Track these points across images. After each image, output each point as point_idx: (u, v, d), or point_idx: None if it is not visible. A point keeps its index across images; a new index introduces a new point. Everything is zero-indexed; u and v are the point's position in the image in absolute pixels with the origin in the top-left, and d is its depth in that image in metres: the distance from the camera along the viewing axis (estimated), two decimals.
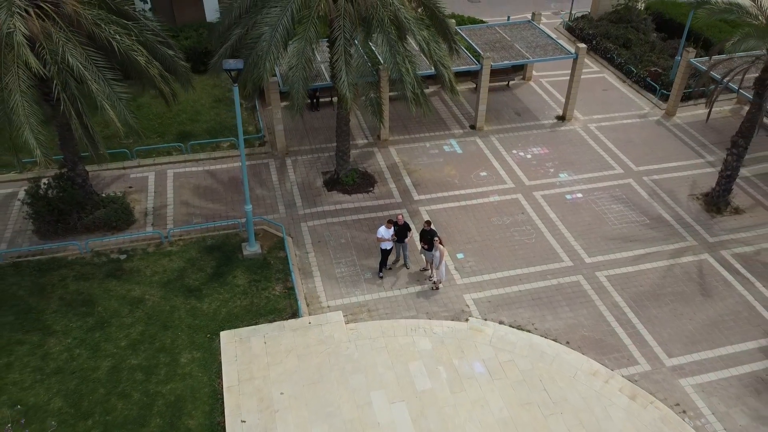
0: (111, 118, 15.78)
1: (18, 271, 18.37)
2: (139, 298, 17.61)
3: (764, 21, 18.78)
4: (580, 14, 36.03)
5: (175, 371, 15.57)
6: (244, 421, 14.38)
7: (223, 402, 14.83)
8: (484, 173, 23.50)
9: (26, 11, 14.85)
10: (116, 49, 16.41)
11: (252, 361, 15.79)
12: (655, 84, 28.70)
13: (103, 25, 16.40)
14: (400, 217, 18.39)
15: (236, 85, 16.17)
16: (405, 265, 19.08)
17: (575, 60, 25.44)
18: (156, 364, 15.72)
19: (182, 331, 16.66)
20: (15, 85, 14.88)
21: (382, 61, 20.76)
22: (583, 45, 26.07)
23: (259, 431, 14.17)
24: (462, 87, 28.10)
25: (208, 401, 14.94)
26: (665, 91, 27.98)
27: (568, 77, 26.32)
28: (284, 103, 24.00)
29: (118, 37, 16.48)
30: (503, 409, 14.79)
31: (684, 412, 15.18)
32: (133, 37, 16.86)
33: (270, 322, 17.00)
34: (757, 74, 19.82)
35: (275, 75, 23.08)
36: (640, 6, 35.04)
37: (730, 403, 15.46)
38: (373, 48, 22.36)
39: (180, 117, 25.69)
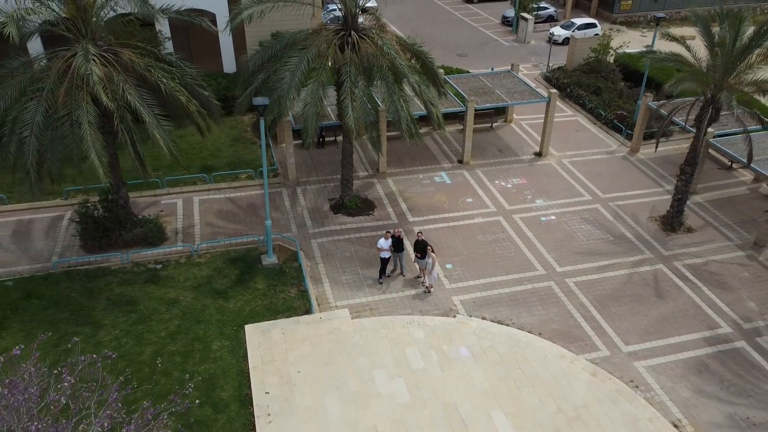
0: (160, 145, 19.19)
1: (70, 277, 21.39)
2: (175, 299, 20.61)
3: (697, 67, 22.61)
4: (556, 66, 40.29)
5: (208, 355, 18.45)
6: (268, 393, 17.21)
7: (249, 379, 17.66)
8: (470, 199, 26.90)
9: (95, 59, 18.42)
10: (163, 90, 19.99)
11: (273, 348, 18.70)
12: (621, 125, 32.52)
13: (152, 71, 20.03)
14: (396, 230, 21.63)
15: (262, 117, 19.70)
16: (401, 272, 22.19)
17: (548, 103, 29.25)
18: (192, 350, 18.61)
19: (212, 325, 19.60)
20: (84, 118, 18.33)
21: (380, 103, 24.40)
22: (554, 90, 29.99)
23: (280, 400, 16.99)
24: (451, 128, 31.95)
25: (237, 378, 17.78)
26: (630, 131, 31.75)
27: (549, 121, 30.05)
28: (296, 141, 27.67)
29: (164, 80, 20.09)
30: (484, 383, 17.67)
31: (637, 386, 18.07)
32: (176, 80, 20.48)
33: (287, 317, 19.97)
34: (697, 112, 23.50)
35: (289, 116, 26.65)
36: (610, 59, 39.35)
37: (675, 380, 18.38)
38: (373, 94, 26.00)
39: (203, 153, 29.20)
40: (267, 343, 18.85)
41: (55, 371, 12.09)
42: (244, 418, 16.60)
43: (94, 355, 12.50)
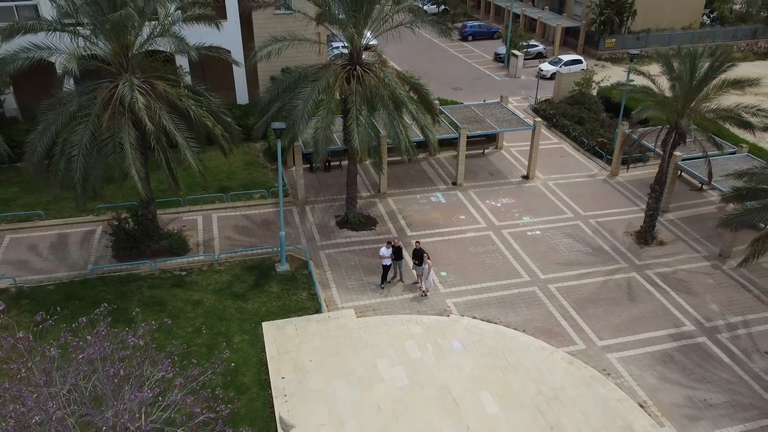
0: (190, 163, 22.00)
1: (104, 282, 23.95)
2: (199, 301, 23.13)
3: (661, 97, 25.61)
4: (543, 99, 43.52)
5: (230, 347, 20.88)
6: (284, 378, 19.63)
7: (267, 367, 20.09)
8: (462, 216, 29.63)
9: (138, 89, 21.34)
10: (192, 115, 22.90)
11: (287, 341, 21.17)
12: (602, 151, 35.48)
13: (183, 99, 22.98)
14: (396, 240, 24.30)
15: (279, 139, 22.57)
16: (401, 279, 24.77)
17: (533, 130, 32.23)
18: (216, 343, 21.04)
19: (233, 322, 22.09)
20: (126, 139, 21.18)
21: (381, 131, 27.30)
22: (539, 119, 33.06)
23: (294, 384, 19.41)
24: (446, 154, 34.93)
25: (256, 366, 20.21)
26: (610, 157, 34.67)
27: (535, 146, 32.99)
28: (304, 166, 30.53)
29: (193, 107, 23.02)
30: (474, 370, 20.11)
31: (608, 374, 20.51)
32: (204, 108, 23.41)
33: (299, 316, 22.49)
34: (663, 137, 26.43)
35: (299, 141, 29.50)
36: (593, 92, 42.58)
37: (643, 369, 20.82)
38: (375, 122, 28.87)
39: (219, 175, 32.01)
40: (282, 338, 21.32)
41: (122, 333, 14.62)
42: (264, 399, 18.99)
43: (153, 322, 15.02)
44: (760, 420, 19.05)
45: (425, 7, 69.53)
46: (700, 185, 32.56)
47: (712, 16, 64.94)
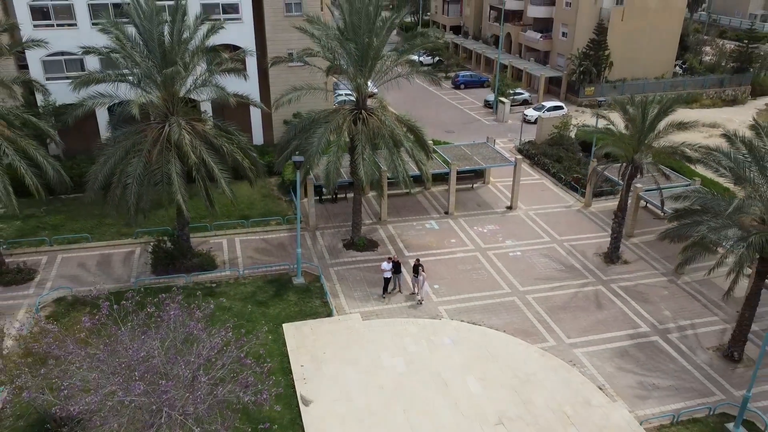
0: (224, 190, 26.45)
1: (147, 291, 28.00)
2: (228, 306, 27.19)
3: (618, 136, 30.32)
4: (527, 140, 48.44)
5: (257, 343, 24.83)
6: (302, 366, 23.59)
7: (288, 357, 24.05)
8: (453, 240, 33.96)
9: (185, 129, 25.98)
10: (225, 151, 27.48)
11: (304, 338, 25.18)
12: (577, 186, 40.09)
13: (217, 137, 27.60)
14: (394, 256, 28.57)
15: (298, 170, 27.11)
16: (399, 290, 28.92)
17: (515, 166, 36.89)
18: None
19: (258, 323, 26.07)
20: (173, 170, 25.69)
21: (382, 166, 31.79)
22: (520, 157, 37.78)
23: (311, 369, 23.36)
24: (439, 188, 39.48)
25: (279, 356, 24.16)
26: (584, 190, 39.25)
27: (517, 180, 37.58)
28: (315, 197, 35.00)
29: (226, 144, 27.63)
30: (460, 360, 24.10)
31: (574, 364, 24.49)
32: (234, 144, 28.03)
33: (313, 319, 26.55)
34: (623, 170, 31.02)
35: (311, 175, 33.94)
36: (571, 134, 47.51)
37: (603, 360, 24.81)
38: (376, 160, 33.34)
39: (240, 206, 36.28)
40: (300, 335, 25.35)
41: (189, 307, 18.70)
42: (287, 381, 22.88)
43: (211, 303, 19.19)
44: (698, 399, 23.00)
45: (421, 59, 75.47)
46: (662, 214, 36.98)
47: (683, 67, 70.78)
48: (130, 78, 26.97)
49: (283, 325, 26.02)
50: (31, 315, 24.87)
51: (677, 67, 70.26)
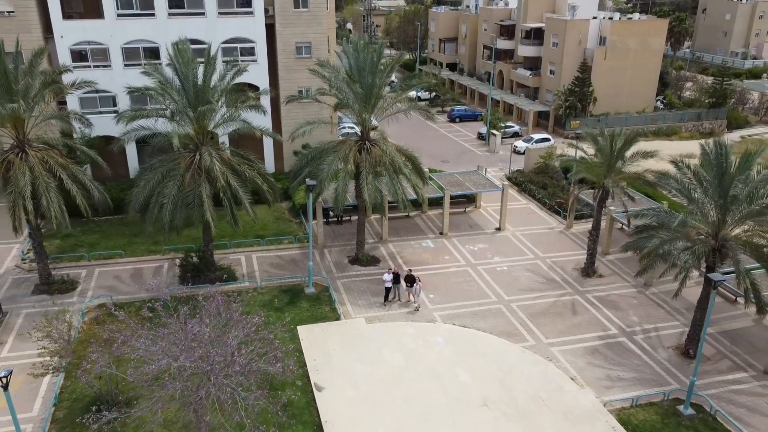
0: (247, 210, 30.55)
1: (175, 300, 31.79)
2: (248, 312, 30.89)
3: (590, 163, 34.56)
4: (516, 169, 52.78)
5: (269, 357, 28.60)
6: (315, 360, 27.34)
7: (303, 352, 27.80)
8: (447, 257, 37.95)
9: (215, 158, 30.15)
10: (247, 176, 31.66)
11: (316, 337, 28.97)
12: (560, 209, 44.25)
13: (240, 164, 31.82)
14: (395, 269, 32.53)
15: (311, 192, 31.29)
16: (399, 298, 32.78)
17: (502, 192, 41.10)
18: (263, 348, 28.76)
19: (276, 326, 29.84)
20: (204, 193, 29.83)
21: (384, 191, 35.85)
22: (507, 183, 41.99)
23: (323, 362, 27.11)
24: (435, 212, 43.60)
25: (295, 352, 27.87)
26: (566, 213, 43.38)
27: (504, 204, 41.73)
28: (324, 219, 39.09)
29: (248, 170, 31.84)
30: (452, 355, 27.88)
31: (550, 360, 28.25)
32: (255, 170, 32.23)
33: (324, 322, 30.36)
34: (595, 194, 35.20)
35: (319, 199, 38.05)
36: (556, 163, 51.84)
37: (576, 357, 28.57)
38: (378, 186, 37.35)
39: (255, 227, 40.35)
40: (312, 335, 29.14)
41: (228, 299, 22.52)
42: (302, 372, 26.60)
43: (238, 295, 23.01)
44: (656, 388, 26.71)
45: (419, 94, 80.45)
46: (627, 229, 40.95)
47: (663, 102, 75.70)
48: (167, 113, 31.32)
49: (297, 327, 29.82)
50: (80, 315, 28.69)
51: (658, 102, 75.12)
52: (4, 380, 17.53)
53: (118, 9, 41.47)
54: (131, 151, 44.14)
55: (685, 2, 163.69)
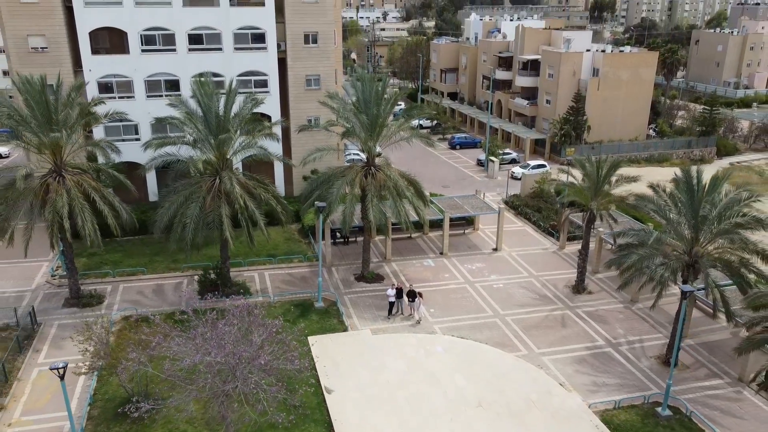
0: (262, 230, 33.35)
1: (196, 314, 34.47)
2: (262, 324, 33.54)
3: (579, 188, 37.37)
4: (513, 194, 55.64)
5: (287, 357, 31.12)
6: (325, 366, 29.84)
7: (314, 361, 30.31)
8: (446, 275, 40.58)
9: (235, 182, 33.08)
10: (262, 198, 34.53)
11: (326, 346, 31.49)
12: (553, 231, 46.96)
13: (256, 188, 34.72)
14: (398, 284, 35.18)
15: (321, 214, 34.11)
16: (401, 312, 35.35)
17: (499, 214, 43.89)
18: (281, 349, 31.32)
19: (290, 335, 32.43)
20: (223, 213, 32.67)
21: (387, 213, 38.65)
22: (503, 206, 44.78)
23: (332, 368, 29.60)
24: (435, 233, 46.34)
25: (307, 359, 30.40)
26: (559, 235, 46.05)
27: (501, 226, 44.48)
28: (331, 240, 41.85)
29: (263, 193, 34.73)
30: (450, 363, 30.35)
31: (541, 367, 30.70)
32: (270, 193, 35.12)
33: (332, 333, 32.91)
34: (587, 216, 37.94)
35: (328, 220, 40.83)
36: (551, 188, 54.70)
37: (565, 365, 31.01)
38: (382, 208, 40.09)
39: (267, 247, 43.10)
40: (322, 344, 31.68)
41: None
42: (313, 377, 29.03)
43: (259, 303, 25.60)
44: (638, 392, 29.09)
45: (421, 122, 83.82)
46: (612, 246, 43.54)
47: (655, 130, 78.88)
48: (189, 140, 34.36)
49: (308, 337, 32.36)
50: (109, 323, 31.31)
51: (650, 130, 78.30)
52: (60, 371, 20.14)
53: (142, 45, 44.87)
54: (151, 176, 47.11)
55: (680, 34, 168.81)
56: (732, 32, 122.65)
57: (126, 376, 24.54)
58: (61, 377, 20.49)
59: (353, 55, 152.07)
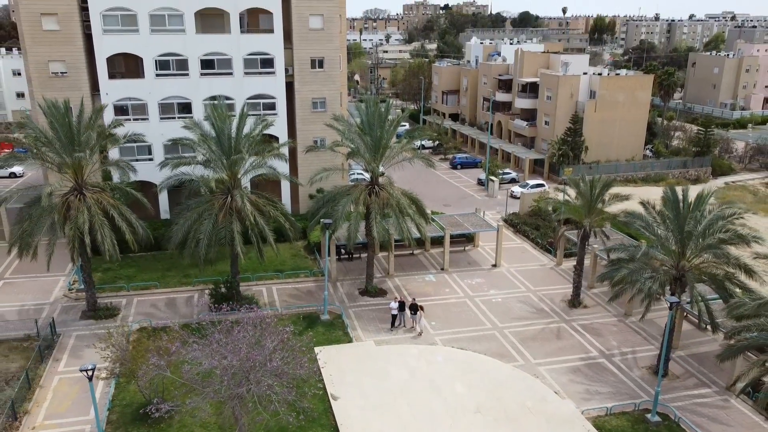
0: (272, 246, 35.10)
1: (212, 324, 36.09)
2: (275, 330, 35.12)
3: (573, 205, 39.09)
4: (512, 212, 57.38)
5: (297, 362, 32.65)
6: (331, 375, 31.35)
7: (320, 370, 31.82)
8: (447, 290, 42.17)
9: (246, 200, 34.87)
10: (271, 215, 36.33)
11: (332, 356, 33.02)
12: (551, 248, 48.59)
13: (265, 206, 36.54)
14: (399, 297, 36.76)
15: (327, 230, 35.85)
16: (403, 324, 36.90)
17: (497, 231, 45.58)
18: (291, 356, 32.85)
19: (300, 343, 33.98)
20: (235, 229, 34.46)
21: (390, 230, 40.36)
22: (502, 223, 46.50)
23: (338, 377, 31.12)
24: (436, 250, 48.01)
25: (314, 367, 31.92)
26: (556, 252, 47.68)
27: (500, 243, 46.16)
28: (336, 257, 43.56)
29: (272, 211, 36.54)
30: (450, 372, 31.84)
31: (537, 377, 32.16)
32: (278, 211, 36.93)
33: (338, 344, 34.45)
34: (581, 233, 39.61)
35: (333, 237, 42.58)
36: (549, 207, 56.40)
37: (560, 374, 32.46)
38: (385, 225, 41.88)
39: (274, 262, 44.84)
40: (329, 354, 33.20)
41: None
42: (321, 385, 30.57)
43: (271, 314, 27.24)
44: (629, 400, 30.51)
45: (423, 143, 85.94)
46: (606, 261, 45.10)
47: (652, 150, 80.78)
48: (202, 160, 36.29)
49: (315, 348, 33.89)
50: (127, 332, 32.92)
51: (647, 151, 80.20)
52: (89, 372, 21.77)
53: (157, 70, 47.07)
54: (163, 194, 48.96)
55: (678, 56, 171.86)
56: (728, 55, 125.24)
57: (146, 381, 26.06)
58: (90, 378, 22.12)
59: (357, 77, 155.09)
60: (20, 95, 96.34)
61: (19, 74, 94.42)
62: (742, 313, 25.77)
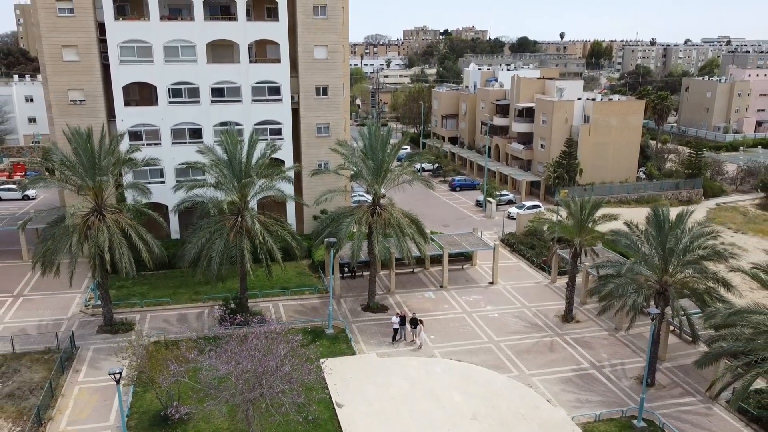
0: (279, 264, 37.20)
1: (217, 338, 37.98)
2: (286, 338, 37.04)
3: (565, 225, 41.22)
4: (509, 232, 59.50)
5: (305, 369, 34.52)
6: (336, 384, 33.22)
7: (325, 380, 33.69)
8: (446, 306, 44.14)
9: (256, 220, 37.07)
10: (279, 235, 38.49)
11: (336, 367, 34.88)
12: (545, 267, 50.62)
13: (273, 225, 38.72)
14: (400, 312, 38.74)
15: (333, 248, 37.97)
16: (404, 338, 38.81)
17: (494, 250, 47.68)
18: (299, 363, 34.73)
19: (307, 351, 35.88)
20: (245, 248, 36.60)
21: (391, 249, 42.50)
22: (498, 242, 48.58)
23: (342, 386, 32.98)
24: (436, 268, 50.06)
25: (319, 379, 33.79)
26: (550, 270, 49.71)
27: (496, 261, 48.22)
28: (340, 275, 45.64)
29: (280, 230, 38.71)
30: (448, 382, 33.70)
31: (530, 386, 33.99)
32: (285, 231, 39.10)
33: (342, 356, 36.35)
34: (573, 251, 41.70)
35: (338, 256, 44.65)
36: (544, 227, 58.56)
37: (552, 384, 34.30)
38: (387, 245, 44.07)
39: (280, 280, 46.90)
40: (333, 365, 35.04)
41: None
42: (326, 394, 32.41)
43: (279, 321, 29.27)
44: (617, 407, 32.31)
45: (423, 165, 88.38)
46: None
47: (645, 172, 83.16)
48: (213, 183, 38.60)
49: (320, 359, 35.77)
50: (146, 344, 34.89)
51: (640, 173, 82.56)
52: (117, 375, 23.75)
53: (170, 97, 49.65)
54: (174, 215, 51.23)
55: (673, 80, 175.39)
56: (720, 80, 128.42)
57: (166, 386, 27.95)
58: (117, 381, 24.08)
59: (358, 101, 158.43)
60: (32, 120, 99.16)
61: (32, 100, 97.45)
62: (717, 322, 27.72)
